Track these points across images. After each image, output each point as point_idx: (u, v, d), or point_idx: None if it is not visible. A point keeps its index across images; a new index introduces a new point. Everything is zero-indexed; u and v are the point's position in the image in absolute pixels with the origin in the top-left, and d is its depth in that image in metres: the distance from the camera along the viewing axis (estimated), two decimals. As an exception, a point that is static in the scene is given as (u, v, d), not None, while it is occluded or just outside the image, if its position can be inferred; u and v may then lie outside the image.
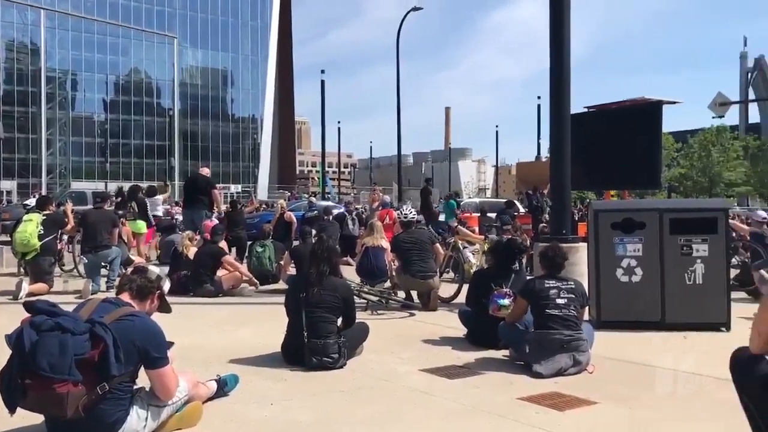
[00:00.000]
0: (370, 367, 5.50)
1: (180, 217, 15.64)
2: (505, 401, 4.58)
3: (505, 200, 23.08)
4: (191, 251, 10.25)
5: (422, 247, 8.68)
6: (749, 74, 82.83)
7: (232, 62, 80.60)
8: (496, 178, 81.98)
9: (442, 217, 20.22)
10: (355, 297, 6.20)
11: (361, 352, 5.82)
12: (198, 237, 10.96)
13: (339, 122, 62.63)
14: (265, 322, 7.28)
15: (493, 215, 18.07)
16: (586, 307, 5.87)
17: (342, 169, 76.52)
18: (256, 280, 10.11)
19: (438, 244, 9.13)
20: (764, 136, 68.51)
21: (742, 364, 3.34)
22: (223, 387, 4.54)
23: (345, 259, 13.55)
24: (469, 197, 53.06)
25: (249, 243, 12.57)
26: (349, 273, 9.36)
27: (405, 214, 9.29)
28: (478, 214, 19.73)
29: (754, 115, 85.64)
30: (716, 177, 59.99)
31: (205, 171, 13.90)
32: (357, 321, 5.86)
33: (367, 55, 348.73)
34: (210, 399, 4.36)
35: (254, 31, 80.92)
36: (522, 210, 22.19)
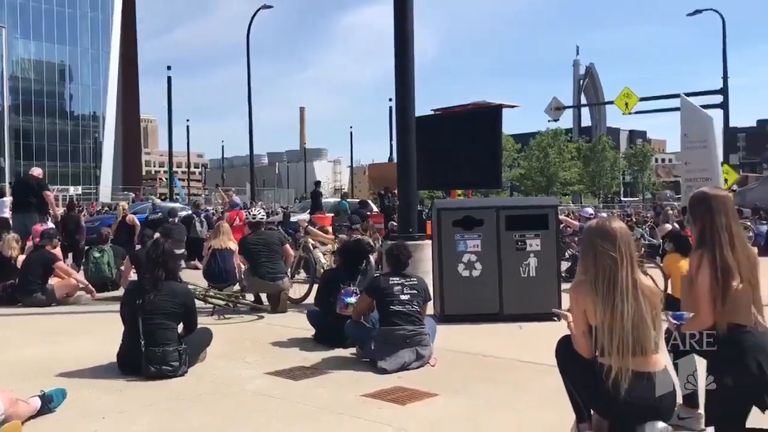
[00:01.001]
0: (214, 373, 5.33)
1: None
2: (349, 399, 4.61)
3: (359, 200, 23.39)
4: (20, 258, 9.45)
5: (271, 249, 8.56)
6: (581, 81, 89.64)
7: (70, 56, 75.28)
8: (351, 178, 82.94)
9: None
10: (200, 301, 6.00)
11: (204, 358, 5.64)
12: (29, 242, 10.12)
13: (188, 120, 60.49)
14: (101, 331, 6.85)
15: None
16: (429, 303, 6.04)
17: (192, 169, 74.00)
18: (92, 288, 9.49)
19: (288, 245, 9.05)
20: (595, 138, 74.37)
21: (564, 350, 3.59)
22: (48, 403, 4.22)
23: (193, 262, 13.10)
24: (325, 198, 53.21)
25: (86, 248, 11.80)
26: (198, 277, 9.04)
27: (254, 215, 9.11)
28: (332, 214, 19.83)
29: (586, 119, 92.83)
30: (553, 177, 64.33)
31: (37, 172, 12.86)
32: (200, 326, 5.66)
33: (219, 53, 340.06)
34: (32, 417, 4.03)
35: (95, 23, 76.09)
36: (375, 210, 22.59)
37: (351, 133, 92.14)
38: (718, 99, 27.03)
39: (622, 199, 71.93)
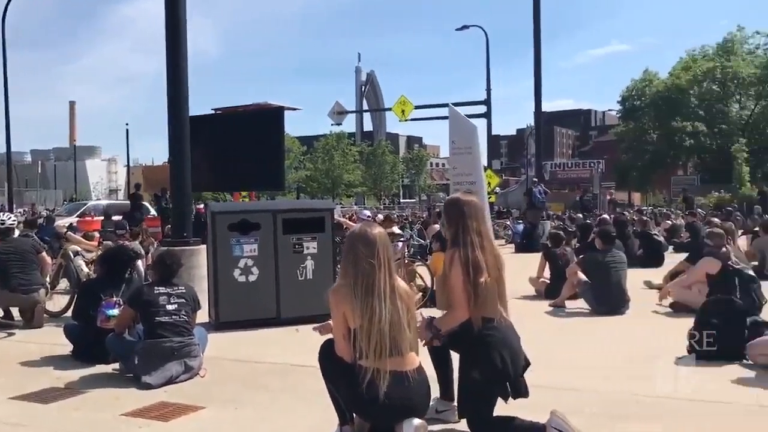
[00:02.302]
0: (-57, 403, 4.65)
1: None
2: (108, 420, 4.27)
3: (130, 202, 21.97)
4: None
5: (24, 258, 7.70)
6: (363, 87, 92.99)
7: None
8: (128, 178, 77.90)
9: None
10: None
11: (-67, 387, 4.90)
12: None
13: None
14: None
15: (119, 218, 17.03)
16: (198, 311, 5.80)
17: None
18: None
19: (44, 253, 8.20)
20: (376, 143, 77.50)
21: (326, 354, 3.62)
22: None
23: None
24: (98, 199, 49.48)
25: None
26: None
27: (2, 220, 8.14)
28: (102, 218, 18.44)
29: (369, 124, 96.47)
30: (338, 179, 65.95)
31: None
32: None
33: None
34: None
35: None
36: (153, 212, 21.44)
37: (127, 130, 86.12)
38: (483, 109, 29.46)
39: (401, 200, 75.78)
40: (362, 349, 3.36)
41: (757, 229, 12.42)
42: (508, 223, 23.03)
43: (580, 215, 21.42)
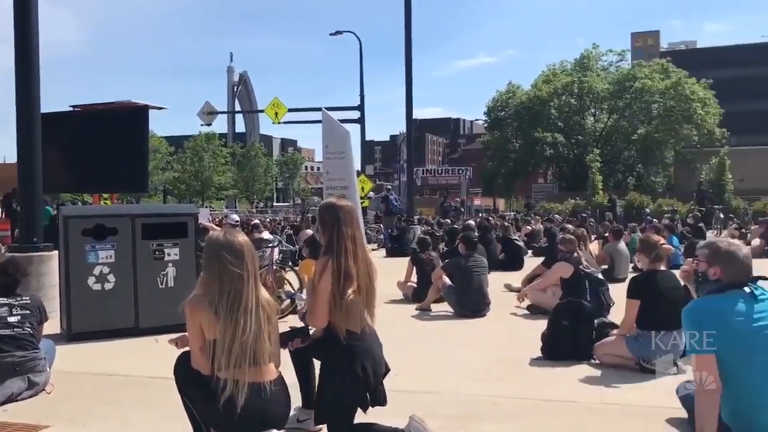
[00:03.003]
0: None
1: None
2: (-66, 446, 3.88)
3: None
4: None
5: None
6: (235, 87, 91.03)
7: None
8: (-26, 177, 71.81)
9: None
10: None
11: None
12: None
13: None
14: None
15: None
16: (47, 322, 5.41)
17: None
18: None
19: None
20: (248, 144, 76.09)
21: (182, 367, 3.49)
22: None
23: None
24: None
25: None
26: None
27: None
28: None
29: (241, 125, 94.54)
30: (208, 181, 64.13)
31: None
32: None
33: None
34: None
35: None
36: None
37: (-25, 125, 79.68)
38: (357, 114, 29.69)
39: (275, 204, 74.93)
40: (221, 361, 3.25)
41: (607, 234, 13.32)
42: (381, 227, 23.36)
43: (448, 220, 22.10)
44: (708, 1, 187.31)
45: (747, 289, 3.51)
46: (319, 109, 21.04)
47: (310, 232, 14.23)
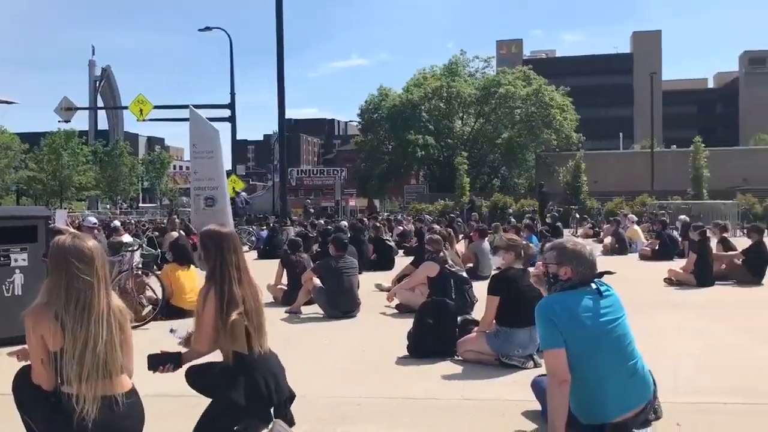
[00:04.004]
0: None
1: None
2: None
3: None
4: None
5: None
6: (97, 82, 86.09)
7: None
8: None
9: None
10: None
11: None
12: None
13: None
14: None
15: None
16: None
17: None
18: None
19: None
20: (112, 142, 72.25)
21: (22, 383, 3.25)
22: None
23: None
24: None
25: None
26: None
27: None
28: None
29: (104, 122, 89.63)
30: (67, 180, 60.27)
31: None
32: None
33: None
34: None
35: None
36: None
37: None
38: (227, 113, 29.01)
39: (141, 204, 71.66)
40: (69, 374, 3.04)
41: (472, 234, 13.81)
42: (252, 229, 22.97)
43: (322, 221, 22.09)
44: (566, 13, 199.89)
45: (593, 286, 3.74)
46: (187, 107, 20.34)
47: (176, 234, 13.73)
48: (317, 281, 8.41)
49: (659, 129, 79.73)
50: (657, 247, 15.29)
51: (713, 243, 11.55)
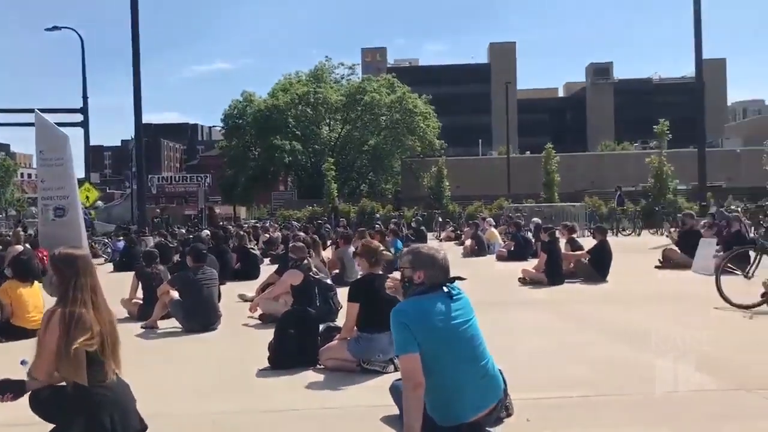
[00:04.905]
0: None
1: None
2: None
3: None
4: None
5: None
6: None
7: None
8: None
9: None
10: None
11: None
12: None
13: None
14: None
15: None
16: None
17: None
18: None
19: None
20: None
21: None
22: None
23: None
24: None
25: None
26: None
27: None
28: None
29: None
30: None
31: None
32: None
33: None
34: None
35: None
36: None
37: None
38: (80, 117, 27.37)
39: (-17, 216, 65.90)
40: None
41: (339, 240, 13.84)
42: (107, 240, 21.76)
43: (183, 230, 21.32)
44: (429, 22, 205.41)
45: (445, 289, 3.84)
46: (32, 111, 18.95)
47: (20, 248, 12.73)
48: (174, 294, 8.07)
49: (515, 136, 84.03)
50: (512, 248, 16.06)
51: (562, 243, 12.28)
